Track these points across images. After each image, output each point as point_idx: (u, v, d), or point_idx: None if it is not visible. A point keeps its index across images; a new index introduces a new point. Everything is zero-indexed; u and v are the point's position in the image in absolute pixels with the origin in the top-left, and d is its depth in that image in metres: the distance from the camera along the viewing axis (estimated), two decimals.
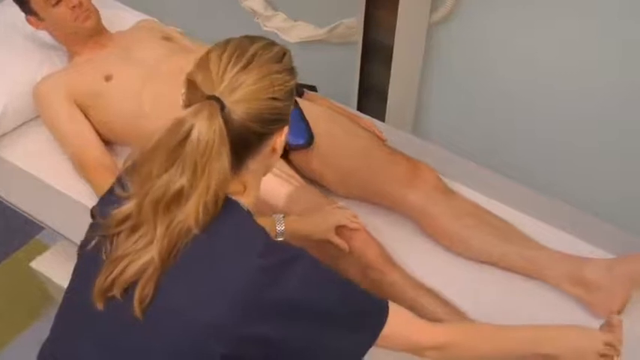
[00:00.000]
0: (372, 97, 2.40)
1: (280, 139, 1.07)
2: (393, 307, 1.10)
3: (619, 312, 1.49)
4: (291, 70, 1.07)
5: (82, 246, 1.11)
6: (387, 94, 2.32)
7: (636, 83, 1.89)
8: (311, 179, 1.69)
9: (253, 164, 1.06)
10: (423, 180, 1.65)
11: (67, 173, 1.77)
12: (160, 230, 0.97)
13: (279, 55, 1.05)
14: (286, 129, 1.07)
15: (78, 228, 1.62)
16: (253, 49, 1.03)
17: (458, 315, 1.45)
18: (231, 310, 0.96)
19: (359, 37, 2.23)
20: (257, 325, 0.96)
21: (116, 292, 0.99)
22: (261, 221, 1.08)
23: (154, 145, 0.99)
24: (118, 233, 1.02)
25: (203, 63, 1.03)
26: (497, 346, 1.17)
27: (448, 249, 1.64)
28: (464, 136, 2.35)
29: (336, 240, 1.50)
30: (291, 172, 1.62)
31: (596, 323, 1.48)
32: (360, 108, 2.39)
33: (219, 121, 0.97)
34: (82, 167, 1.73)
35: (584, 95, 2.02)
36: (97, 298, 1.01)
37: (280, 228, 1.43)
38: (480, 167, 1.84)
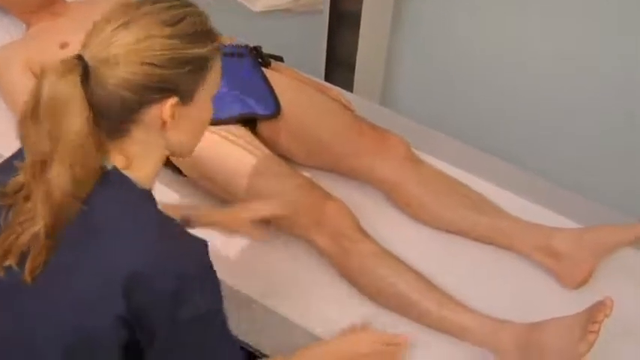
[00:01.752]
0: (339, 67, 2.37)
1: (165, 110, 0.97)
2: None
3: (584, 282, 1.51)
4: (190, 37, 0.96)
5: None
6: (355, 64, 2.29)
7: (611, 61, 1.90)
8: (278, 152, 1.66)
9: (139, 134, 0.98)
10: (392, 150, 1.64)
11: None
12: (39, 198, 0.93)
13: (175, 19, 0.96)
14: (174, 99, 0.97)
15: None
16: (145, 9, 0.95)
17: (429, 290, 1.44)
18: (113, 287, 0.92)
19: (326, 6, 2.20)
20: (137, 306, 0.93)
21: (12, 260, 0.96)
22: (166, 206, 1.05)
23: (24, 108, 0.94)
24: (15, 202, 0.99)
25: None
26: None
27: (418, 219, 1.63)
28: (433, 107, 2.34)
29: (255, 234, 1.41)
30: (257, 142, 1.58)
31: (564, 292, 1.51)
32: (327, 78, 2.36)
33: (69, 78, 0.91)
34: None
35: (554, 68, 2.02)
36: None
37: (186, 212, 1.36)
38: (450, 138, 1.83)
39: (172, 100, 0.97)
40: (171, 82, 0.96)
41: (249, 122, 1.62)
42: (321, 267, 1.54)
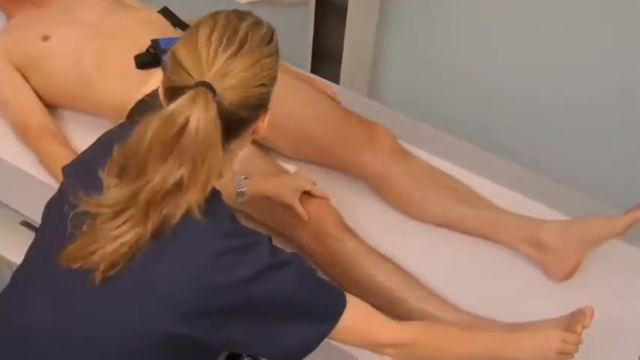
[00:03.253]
0: (326, 59, 2.35)
1: (264, 122, 1.06)
2: (352, 300, 1.10)
3: (571, 274, 1.51)
4: (278, 52, 1.05)
5: (51, 203, 1.11)
6: (341, 56, 2.27)
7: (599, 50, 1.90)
8: (263, 144, 1.64)
9: (235, 146, 1.05)
10: (379, 143, 1.62)
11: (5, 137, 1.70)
12: (152, 220, 0.96)
13: (268, 36, 1.03)
14: (269, 111, 1.06)
15: (17, 195, 1.58)
16: (244, 29, 1.00)
17: (416, 288, 1.43)
18: (183, 288, 0.96)
19: None
20: (205, 307, 0.97)
21: (92, 265, 0.97)
22: (220, 182, 1.06)
23: (150, 139, 0.95)
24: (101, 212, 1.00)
25: (191, 43, 0.99)
26: (458, 350, 1.18)
27: (405, 212, 1.62)
28: (420, 100, 2.33)
29: (299, 209, 1.46)
30: None
31: (551, 284, 1.51)
32: (313, 71, 2.34)
33: (214, 110, 0.95)
34: (25, 134, 1.65)
35: (542, 61, 2.01)
36: (66, 261, 0.99)
37: (241, 189, 1.40)
38: (437, 131, 1.82)
39: (269, 112, 1.06)
40: (269, 97, 1.04)
41: None
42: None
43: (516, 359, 1.19)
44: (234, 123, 1.00)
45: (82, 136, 1.67)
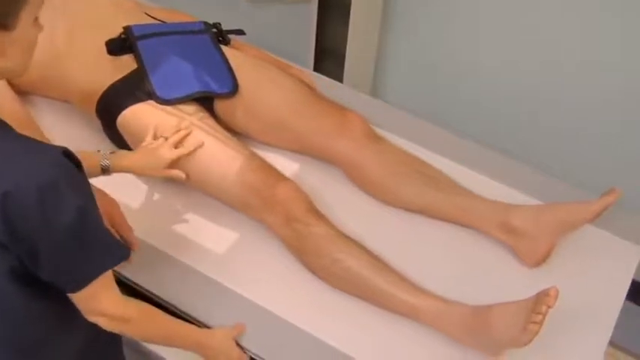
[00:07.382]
0: (329, 57, 2.36)
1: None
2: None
3: (544, 260, 1.46)
4: None
5: None
6: (344, 54, 2.27)
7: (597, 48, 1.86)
8: (236, 130, 1.65)
9: None
10: (351, 128, 1.61)
11: None
12: None
13: None
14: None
15: None
16: None
17: (383, 271, 1.40)
18: None
19: None
20: (10, 228, 0.97)
21: None
22: (83, 154, 1.06)
23: None
24: None
25: None
26: (163, 336, 1.26)
27: (377, 198, 1.60)
28: (424, 99, 2.30)
29: (170, 173, 1.46)
30: (211, 121, 1.57)
31: (523, 269, 1.47)
32: (316, 69, 2.35)
33: None
34: None
35: (544, 64, 1.98)
36: None
37: (105, 163, 1.38)
38: (442, 130, 1.80)
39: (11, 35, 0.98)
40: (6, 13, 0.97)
41: (206, 100, 1.61)
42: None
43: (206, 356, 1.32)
44: None
45: (54, 124, 1.69)
